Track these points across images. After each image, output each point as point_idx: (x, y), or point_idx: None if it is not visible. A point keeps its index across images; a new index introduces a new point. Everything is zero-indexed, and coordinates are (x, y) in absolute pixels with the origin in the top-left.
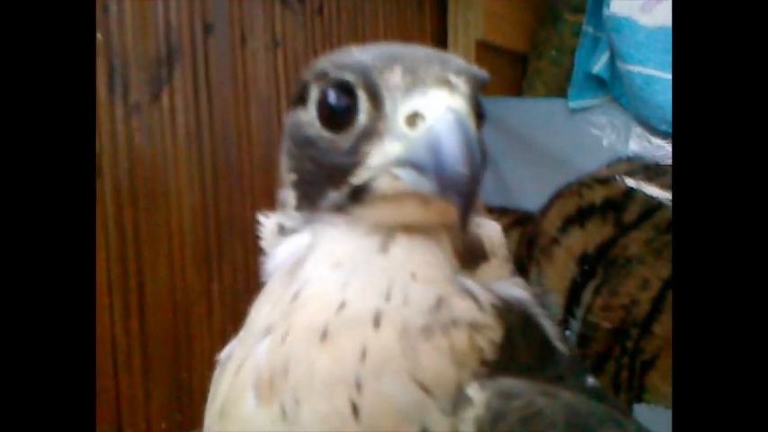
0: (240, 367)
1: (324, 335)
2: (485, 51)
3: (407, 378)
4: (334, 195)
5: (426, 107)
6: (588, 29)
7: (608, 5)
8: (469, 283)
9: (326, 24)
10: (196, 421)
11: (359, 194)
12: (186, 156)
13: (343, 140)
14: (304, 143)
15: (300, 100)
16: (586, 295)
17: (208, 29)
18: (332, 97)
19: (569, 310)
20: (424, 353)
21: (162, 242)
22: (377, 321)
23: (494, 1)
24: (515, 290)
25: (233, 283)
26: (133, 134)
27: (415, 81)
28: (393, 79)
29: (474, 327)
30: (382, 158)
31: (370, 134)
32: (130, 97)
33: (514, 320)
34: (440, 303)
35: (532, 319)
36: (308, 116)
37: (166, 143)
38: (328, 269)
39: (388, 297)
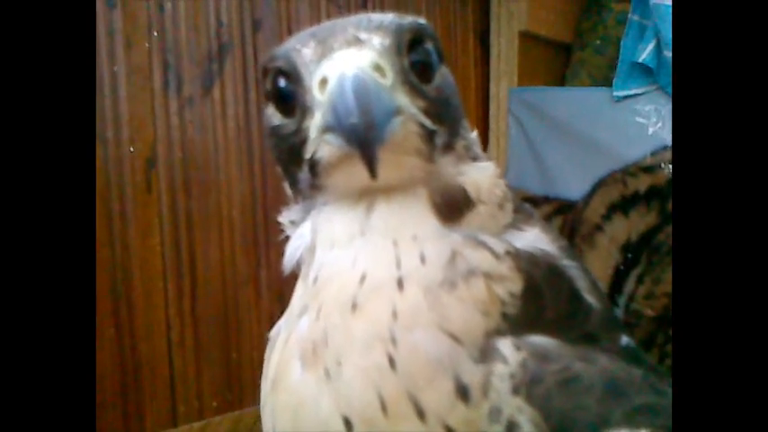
0: (286, 343)
1: (354, 306)
2: (528, 42)
3: (437, 329)
4: (301, 176)
5: (329, 70)
6: (634, 17)
7: None
8: (483, 234)
9: None
10: (245, 400)
11: (314, 169)
12: (236, 146)
13: (293, 122)
14: (271, 134)
15: (265, 96)
16: (629, 283)
17: (256, 24)
18: (277, 86)
19: (612, 297)
20: (448, 304)
21: (213, 229)
22: (400, 284)
23: None
24: (540, 242)
25: (279, 269)
26: (186, 126)
27: (324, 50)
28: (307, 54)
29: (490, 276)
30: (314, 130)
31: (306, 110)
32: (184, 91)
33: (540, 274)
34: (454, 256)
35: (560, 272)
36: (270, 109)
37: (217, 134)
38: (334, 249)
39: (400, 261)
